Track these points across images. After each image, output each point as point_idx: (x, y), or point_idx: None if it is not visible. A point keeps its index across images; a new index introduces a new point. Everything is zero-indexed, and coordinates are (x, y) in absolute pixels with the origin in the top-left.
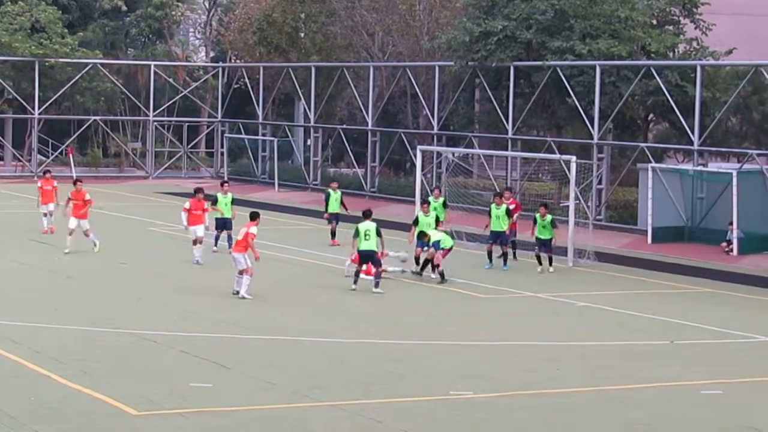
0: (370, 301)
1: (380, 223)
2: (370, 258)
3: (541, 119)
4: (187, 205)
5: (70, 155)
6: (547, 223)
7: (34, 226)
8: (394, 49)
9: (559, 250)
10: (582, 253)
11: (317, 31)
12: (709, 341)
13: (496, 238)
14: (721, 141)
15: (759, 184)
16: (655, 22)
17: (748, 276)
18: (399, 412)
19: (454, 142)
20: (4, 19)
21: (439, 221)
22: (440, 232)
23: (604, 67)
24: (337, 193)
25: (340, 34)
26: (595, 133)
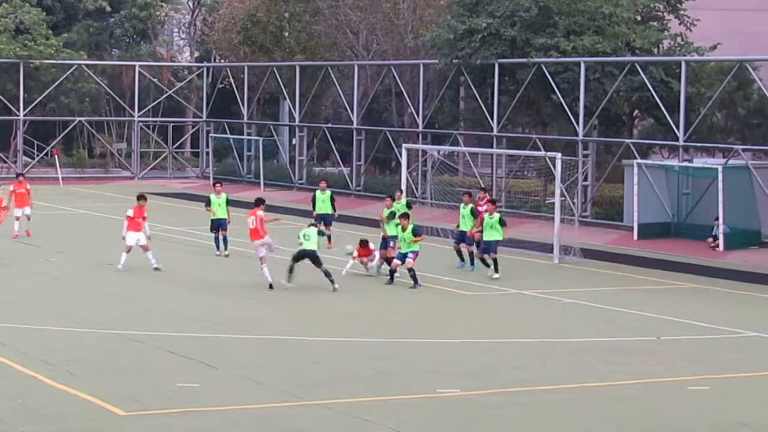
0: (355, 300)
1: (367, 221)
2: (310, 257)
3: (526, 116)
4: (131, 213)
5: (56, 156)
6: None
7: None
8: (379, 47)
9: (545, 247)
10: (568, 250)
11: (301, 30)
12: (695, 337)
13: (461, 237)
14: (706, 136)
15: (745, 180)
16: (639, 18)
17: (735, 271)
18: (386, 410)
19: (439, 140)
20: None
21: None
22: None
23: (588, 63)
24: (326, 194)
25: (325, 33)
26: (580, 129)
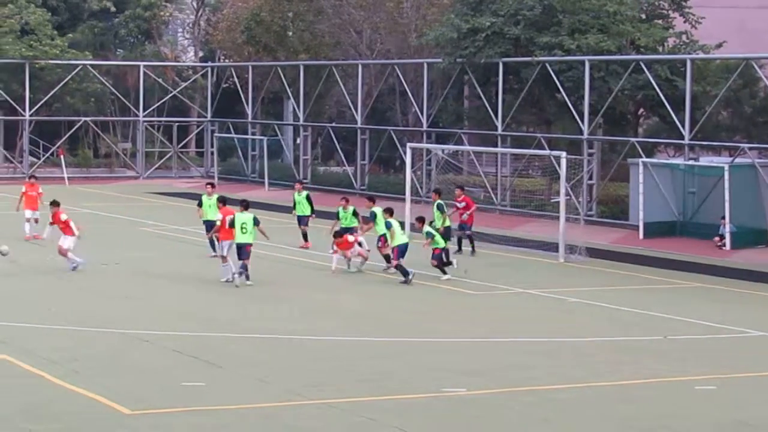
0: (359, 299)
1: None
2: (242, 250)
3: (531, 115)
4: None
5: (61, 156)
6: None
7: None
8: (383, 46)
9: (550, 246)
10: (573, 249)
11: (305, 30)
12: (702, 336)
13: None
14: (712, 135)
15: (751, 178)
16: (644, 16)
17: (741, 270)
18: (392, 409)
19: (444, 139)
20: None
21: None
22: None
23: (593, 62)
24: (302, 195)
25: (328, 33)
26: (585, 128)
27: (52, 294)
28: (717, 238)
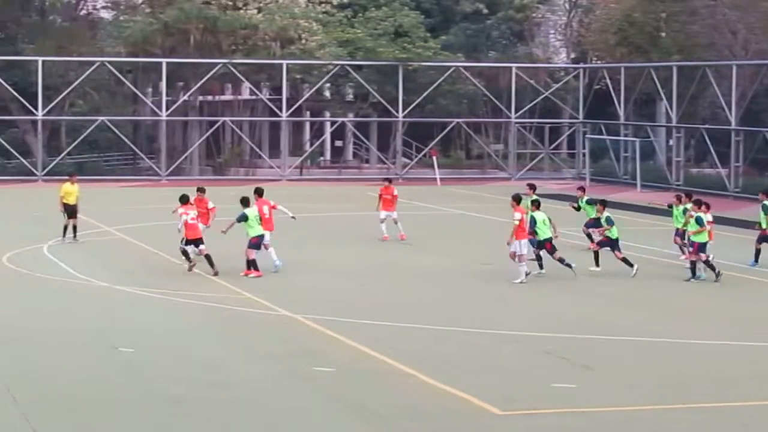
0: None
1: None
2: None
3: None
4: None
5: (434, 158)
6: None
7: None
8: (758, 46)
9: None
10: None
11: (678, 31)
12: None
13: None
14: None
15: None
16: None
17: None
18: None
19: None
20: (368, 24)
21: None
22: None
23: None
24: (583, 201)
25: (702, 33)
26: None
27: (419, 294)
28: None
